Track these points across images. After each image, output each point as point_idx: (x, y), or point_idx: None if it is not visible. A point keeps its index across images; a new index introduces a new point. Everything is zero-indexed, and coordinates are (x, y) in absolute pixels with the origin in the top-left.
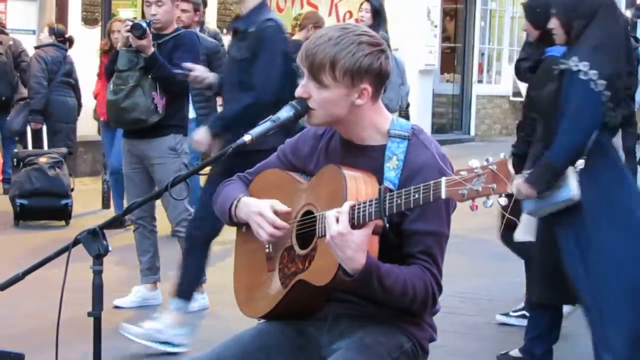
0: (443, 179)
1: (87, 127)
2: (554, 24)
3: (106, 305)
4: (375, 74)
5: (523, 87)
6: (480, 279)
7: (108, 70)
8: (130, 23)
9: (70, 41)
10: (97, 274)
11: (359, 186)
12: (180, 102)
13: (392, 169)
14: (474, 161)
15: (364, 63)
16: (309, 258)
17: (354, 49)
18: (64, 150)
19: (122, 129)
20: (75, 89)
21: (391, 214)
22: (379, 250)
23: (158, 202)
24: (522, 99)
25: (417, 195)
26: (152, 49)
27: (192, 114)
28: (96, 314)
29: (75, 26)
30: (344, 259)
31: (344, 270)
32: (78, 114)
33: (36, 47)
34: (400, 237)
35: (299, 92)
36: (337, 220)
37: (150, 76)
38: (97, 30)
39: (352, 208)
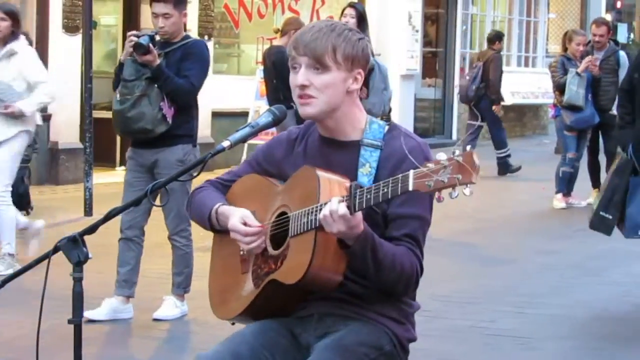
0: (411, 172)
1: (70, 135)
2: None
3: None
4: (366, 60)
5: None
6: (462, 282)
7: (115, 80)
8: (135, 39)
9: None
10: (78, 281)
11: (332, 187)
12: (189, 112)
13: (365, 175)
14: (441, 154)
15: (359, 48)
16: (281, 258)
17: (348, 34)
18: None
19: (128, 138)
20: None
21: (361, 209)
22: None
23: (153, 216)
24: (503, 103)
25: (385, 190)
26: (157, 62)
27: None
28: (77, 322)
29: (56, 33)
30: (343, 232)
31: (341, 241)
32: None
33: None
34: (381, 222)
35: (299, 80)
36: (333, 219)
37: (156, 85)
38: (78, 38)
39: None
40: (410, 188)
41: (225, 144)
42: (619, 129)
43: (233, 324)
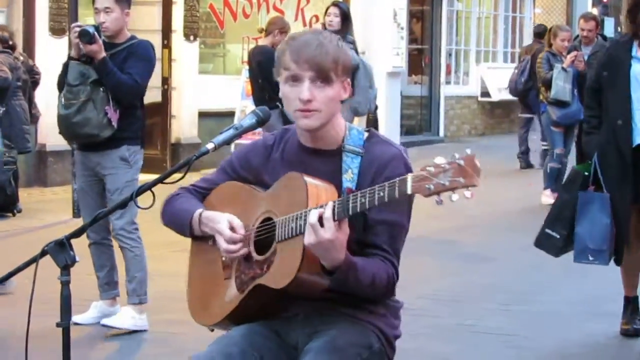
0: (409, 175)
1: (58, 137)
2: None
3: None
4: (353, 69)
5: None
6: (449, 280)
7: (59, 82)
8: (78, 29)
9: (13, 47)
10: (65, 284)
11: (320, 193)
12: (133, 113)
13: (348, 181)
14: (439, 158)
15: (351, 58)
16: (267, 262)
17: (341, 44)
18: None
19: (73, 142)
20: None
21: (355, 213)
22: None
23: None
24: (490, 99)
25: (382, 193)
26: (103, 54)
27: None
28: (65, 325)
29: (42, 36)
30: (326, 259)
31: (324, 268)
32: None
33: None
34: (360, 226)
35: (305, 95)
36: (323, 225)
37: (101, 89)
38: (64, 40)
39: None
40: (409, 191)
41: (210, 146)
42: (585, 134)
43: (212, 330)
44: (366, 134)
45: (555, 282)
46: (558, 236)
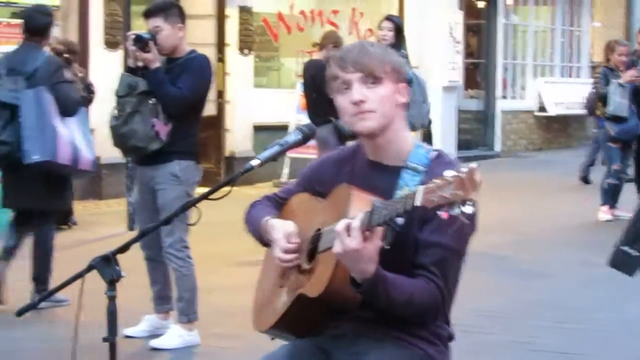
0: (421, 187)
1: (112, 149)
2: None
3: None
4: (406, 74)
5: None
6: (501, 296)
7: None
8: (133, 36)
9: (69, 61)
10: (111, 299)
11: (362, 206)
12: (187, 128)
13: None
14: (449, 171)
15: (401, 62)
16: (310, 272)
17: (390, 50)
18: None
19: (127, 155)
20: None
21: (378, 224)
22: (388, 258)
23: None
24: (548, 114)
25: (398, 205)
26: (157, 64)
27: None
28: (111, 340)
29: (97, 49)
30: (355, 270)
31: (354, 280)
32: None
33: None
34: (412, 247)
35: (355, 96)
36: (349, 234)
37: (150, 101)
38: (118, 54)
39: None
40: (418, 203)
41: (255, 162)
42: None
43: (272, 339)
44: (434, 154)
45: (612, 300)
46: (638, 254)
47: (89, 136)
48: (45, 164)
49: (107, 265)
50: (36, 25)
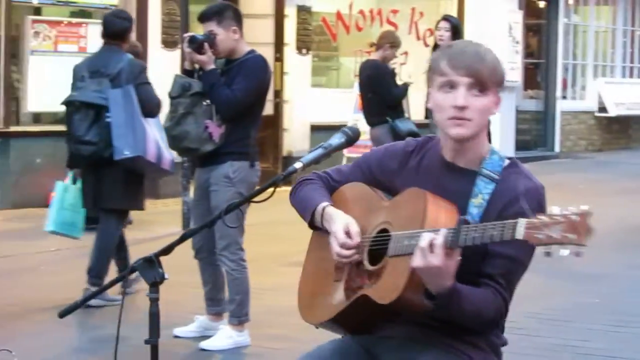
0: (522, 220)
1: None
2: None
3: (165, 331)
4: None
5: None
6: (554, 299)
7: None
8: (188, 38)
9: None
10: (154, 301)
11: (439, 215)
12: (243, 129)
13: (475, 206)
14: (554, 208)
15: (504, 72)
16: (376, 275)
17: (499, 59)
18: None
19: (183, 156)
20: None
21: (463, 246)
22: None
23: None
24: (608, 115)
25: (494, 233)
26: (212, 66)
27: None
28: (153, 342)
29: (154, 49)
30: (432, 284)
31: (428, 292)
32: None
33: None
34: (481, 255)
35: (460, 101)
36: (432, 251)
37: (204, 103)
38: (176, 53)
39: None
40: (519, 237)
41: (298, 165)
42: None
43: (317, 327)
44: (507, 162)
45: None
46: None
47: (164, 136)
48: (135, 159)
49: (150, 267)
50: (115, 30)
